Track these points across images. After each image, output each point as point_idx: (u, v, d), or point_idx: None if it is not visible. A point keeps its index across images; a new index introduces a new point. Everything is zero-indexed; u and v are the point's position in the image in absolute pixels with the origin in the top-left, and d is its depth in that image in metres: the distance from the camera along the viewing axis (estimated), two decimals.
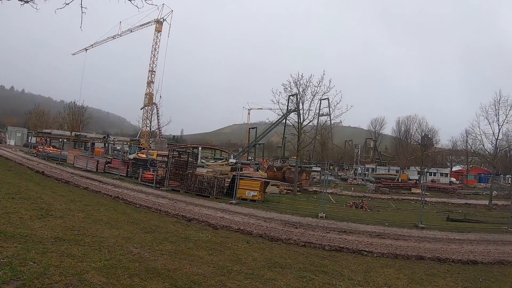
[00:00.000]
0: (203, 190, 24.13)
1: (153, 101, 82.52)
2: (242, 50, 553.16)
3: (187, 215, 15.81)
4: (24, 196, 14.19)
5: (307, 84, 33.14)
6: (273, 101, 34.12)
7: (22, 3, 6.31)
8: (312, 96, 33.28)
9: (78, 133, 76.60)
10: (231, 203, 21.39)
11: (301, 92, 33.31)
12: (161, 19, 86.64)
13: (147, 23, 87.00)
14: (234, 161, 68.62)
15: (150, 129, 70.88)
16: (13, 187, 16.24)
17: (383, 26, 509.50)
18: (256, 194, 23.25)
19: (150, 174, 28.35)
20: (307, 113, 33.65)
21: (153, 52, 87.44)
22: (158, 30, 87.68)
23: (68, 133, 74.93)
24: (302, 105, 33.56)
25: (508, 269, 11.47)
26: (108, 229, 10.80)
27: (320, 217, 18.75)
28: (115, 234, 10.16)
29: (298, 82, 33.24)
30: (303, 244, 12.32)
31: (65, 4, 6.16)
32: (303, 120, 33.70)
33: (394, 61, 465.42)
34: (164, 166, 32.27)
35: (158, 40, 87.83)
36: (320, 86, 32.94)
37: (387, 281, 8.85)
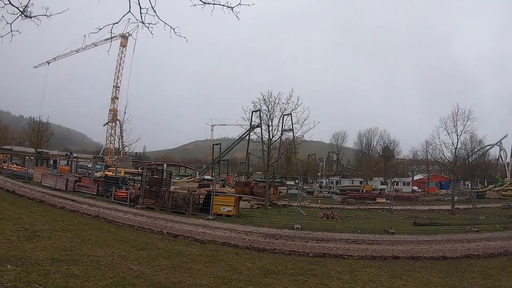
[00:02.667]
0: (179, 207, 24.35)
1: (118, 118, 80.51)
2: (207, 66, 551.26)
3: (171, 232, 16.25)
4: (3, 217, 14.15)
5: (277, 102, 34.23)
6: (243, 118, 35.00)
7: (23, 18, 6.01)
8: (281, 113, 34.34)
9: (41, 150, 74.25)
10: (208, 218, 21.75)
11: (271, 110, 34.30)
12: (127, 34, 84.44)
13: (112, 37, 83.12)
14: (208, 177, 68.67)
15: (119, 146, 69.37)
16: None
17: (345, 46, 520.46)
18: (231, 209, 23.69)
19: (123, 192, 28.22)
20: (276, 129, 34.65)
21: (117, 68, 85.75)
22: (123, 45, 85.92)
23: (29, 150, 71.70)
24: (271, 121, 34.55)
25: (475, 261, 12.76)
26: (100, 248, 10.97)
27: (296, 228, 19.44)
28: (109, 253, 10.33)
29: (268, 100, 34.30)
30: (288, 252, 13.17)
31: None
32: (273, 136, 34.64)
33: (356, 78, 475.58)
34: (133, 183, 32.19)
35: (123, 55, 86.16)
36: (288, 103, 34.07)
37: (371, 278, 9.84)
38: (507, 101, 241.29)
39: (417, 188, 69.92)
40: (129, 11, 5.72)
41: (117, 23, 6.09)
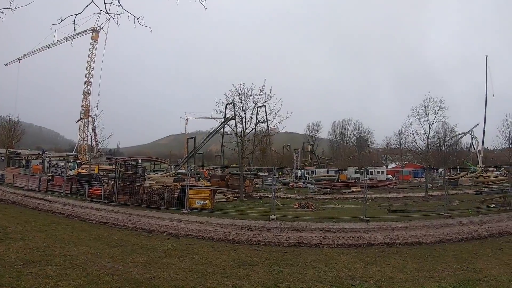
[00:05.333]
0: (154, 202, 24.08)
1: (90, 114, 78.89)
2: (179, 59, 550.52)
3: (146, 227, 16.06)
4: None
5: (249, 93, 34.17)
6: (216, 111, 34.84)
7: None
8: (253, 105, 34.28)
9: (12, 150, 71.94)
10: (184, 213, 21.55)
11: (243, 101, 34.20)
12: (98, 28, 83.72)
13: (83, 31, 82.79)
14: (183, 171, 68.29)
15: (91, 143, 67.75)
16: None
17: (323, 43, 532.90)
18: (206, 202, 23.54)
19: (97, 190, 27.71)
20: (249, 121, 34.61)
21: (89, 62, 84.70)
22: (95, 39, 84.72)
23: None
24: (245, 113, 34.49)
25: (449, 246, 12.95)
26: (74, 247, 10.88)
27: (272, 219, 19.38)
28: (83, 251, 10.26)
29: (240, 91, 34.18)
30: (264, 243, 13.14)
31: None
32: (246, 128, 34.59)
33: (332, 75, 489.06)
34: (107, 180, 31.69)
35: (94, 49, 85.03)
36: (261, 95, 34.00)
37: (346, 265, 9.91)
38: (474, 93, 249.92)
39: (391, 176, 70.97)
40: (92, 1, 5.55)
41: (80, 13, 5.87)
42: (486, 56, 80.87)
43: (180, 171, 73.53)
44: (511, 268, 9.87)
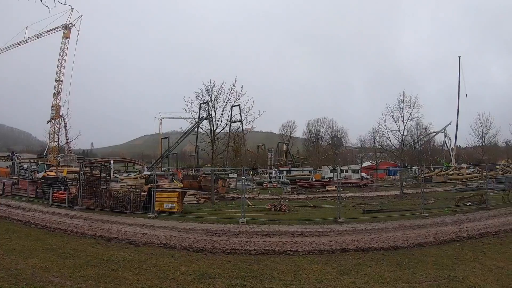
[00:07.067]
0: (119, 206, 23.06)
1: (60, 114, 77.69)
2: (152, 56, 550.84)
3: (106, 235, 15.05)
4: None
5: (219, 91, 33.24)
6: (185, 110, 33.71)
7: None
8: (224, 103, 33.39)
9: None
10: (150, 217, 20.62)
11: (214, 100, 33.26)
12: (70, 25, 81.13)
13: (55, 28, 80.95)
14: (149, 173, 66.98)
15: (59, 144, 65.48)
16: None
17: (299, 43, 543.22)
18: (174, 205, 22.76)
19: (61, 194, 26.49)
20: (220, 120, 33.70)
21: (60, 60, 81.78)
22: (66, 37, 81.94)
23: None
24: (215, 112, 33.57)
25: (427, 250, 12.21)
26: (23, 259, 10.35)
27: (241, 222, 18.63)
28: (31, 264, 9.70)
29: (210, 90, 33.24)
30: (229, 251, 12.23)
31: None
32: (216, 128, 33.69)
33: (306, 73, 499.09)
34: (76, 183, 30.61)
35: (66, 47, 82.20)
36: (232, 93, 33.13)
37: (317, 276, 9.08)
38: (446, 94, 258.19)
39: (366, 175, 71.34)
40: None
41: None
42: (459, 57, 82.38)
43: (146, 173, 71.92)
44: (496, 274, 9.18)
